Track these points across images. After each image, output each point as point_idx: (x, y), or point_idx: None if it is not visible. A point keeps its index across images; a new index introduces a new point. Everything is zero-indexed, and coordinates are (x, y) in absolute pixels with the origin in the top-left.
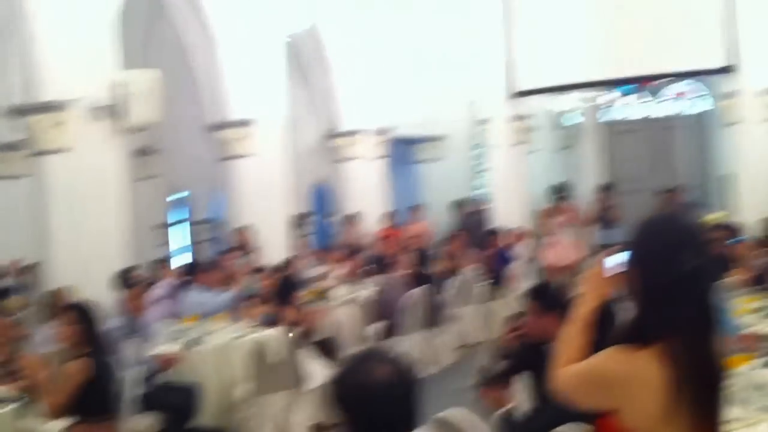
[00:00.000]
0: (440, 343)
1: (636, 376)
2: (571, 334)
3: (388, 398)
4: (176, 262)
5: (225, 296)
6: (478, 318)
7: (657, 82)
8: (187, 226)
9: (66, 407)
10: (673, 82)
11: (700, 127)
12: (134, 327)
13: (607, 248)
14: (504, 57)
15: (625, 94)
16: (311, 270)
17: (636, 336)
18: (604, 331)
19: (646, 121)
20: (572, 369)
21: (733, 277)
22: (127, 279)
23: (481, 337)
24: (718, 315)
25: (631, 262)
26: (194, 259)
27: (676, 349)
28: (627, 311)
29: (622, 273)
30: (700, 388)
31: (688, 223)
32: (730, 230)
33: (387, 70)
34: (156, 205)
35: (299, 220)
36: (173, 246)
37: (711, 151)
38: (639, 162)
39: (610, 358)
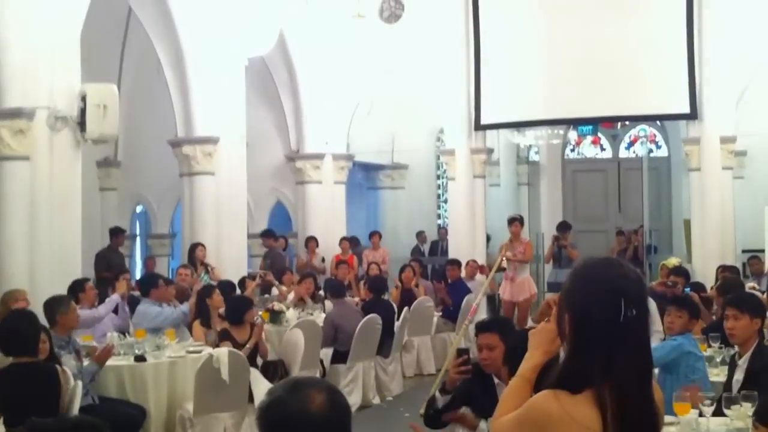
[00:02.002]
0: (392, 372)
1: (570, 419)
2: (515, 387)
3: (322, 427)
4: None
5: (178, 310)
6: (432, 348)
7: (619, 124)
8: (143, 239)
9: None
10: (634, 125)
11: (660, 171)
12: (65, 341)
13: (558, 289)
14: (469, 90)
15: (586, 134)
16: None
17: (569, 381)
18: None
19: (608, 162)
20: (509, 415)
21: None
22: (78, 290)
23: (434, 368)
24: (651, 364)
25: (564, 306)
26: (147, 273)
27: (608, 396)
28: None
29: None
30: None
31: (625, 271)
32: (685, 276)
33: (354, 95)
34: (119, 216)
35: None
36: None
37: (670, 195)
38: (598, 202)
39: (544, 401)
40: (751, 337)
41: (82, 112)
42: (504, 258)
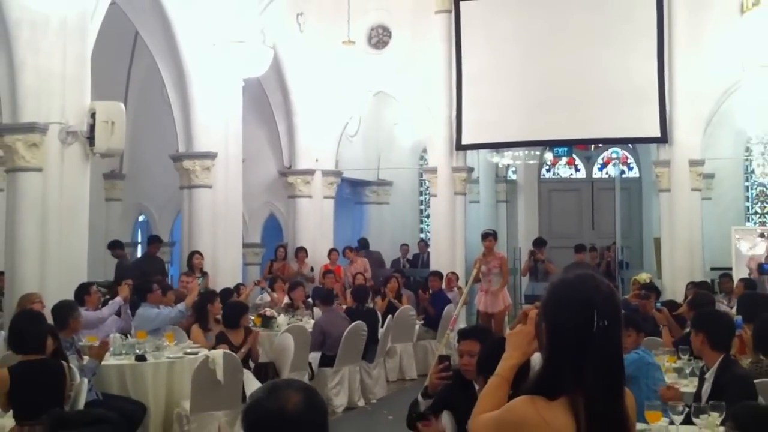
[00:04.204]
0: (376, 376)
1: (545, 424)
2: (493, 386)
3: (299, 425)
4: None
5: (175, 309)
6: (414, 355)
7: (592, 147)
8: (144, 246)
9: (5, 406)
10: (606, 148)
11: (631, 191)
12: (69, 342)
13: (536, 300)
14: (451, 112)
15: (561, 155)
16: (258, 297)
17: (545, 387)
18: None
19: (581, 182)
20: (487, 416)
21: (659, 337)
22: (84, 293)
23: (415, 373)
24: (623, 373)
25: (542, 317)
26: (141, 279)
27: (580, 403)
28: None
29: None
30: None
31: (597, 285)
32: (656, 291)
33: (344, 116)
34: (122, 225)
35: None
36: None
37: (641, 214)
38: (572, 220)
39: (521, 406)
40: (700, 349)
41: (92, 127)
42: (479, 272)
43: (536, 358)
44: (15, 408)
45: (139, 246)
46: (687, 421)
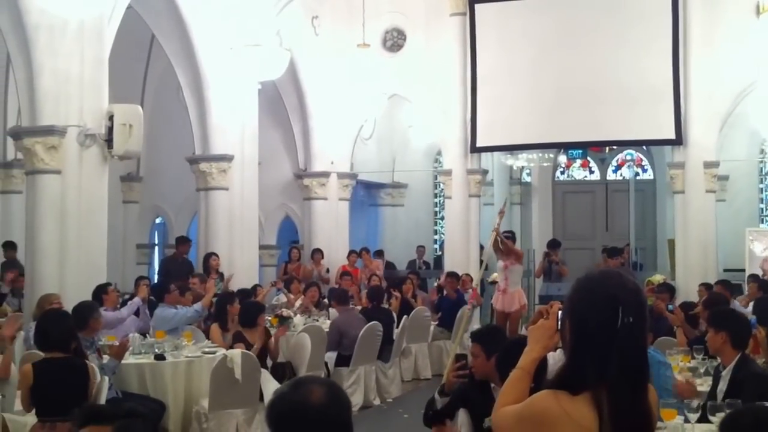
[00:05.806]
0: (391, 375)
1: (568, 418)
2: (515, 378)
3: (322, 419)
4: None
5: (191, 309)
6: (428, 355)
7: (607, 149)
8: (161, 248)
9: (28, 406)
10: (621, 150)
11: (645, 193)
12: (89, 341)
13: (550, 300)
14: (466, 115)
15: (575, 158)
16: (275, 298)
17: (569, 382)
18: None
19: (596, 184)
20: (510, 409)
21: (675, 337)
22: (102, 293)
23: (430, 373)
24: (647, 369)
25: (566, 313)
26: (164, 279)
27: (604, 398)
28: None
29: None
30: None
31: (623, 281)
32: (670, 292)
33: (359, 119)
34: (140, 227)
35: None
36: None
37: (655, 216)
38: (586, 222)
39: (544, 400)
40: (720, 348)
41: (110, 130)
42: (498, 235)
43: (555, 356)
44: (38, 405)
45: (156, 248)
46: (702, 419)
